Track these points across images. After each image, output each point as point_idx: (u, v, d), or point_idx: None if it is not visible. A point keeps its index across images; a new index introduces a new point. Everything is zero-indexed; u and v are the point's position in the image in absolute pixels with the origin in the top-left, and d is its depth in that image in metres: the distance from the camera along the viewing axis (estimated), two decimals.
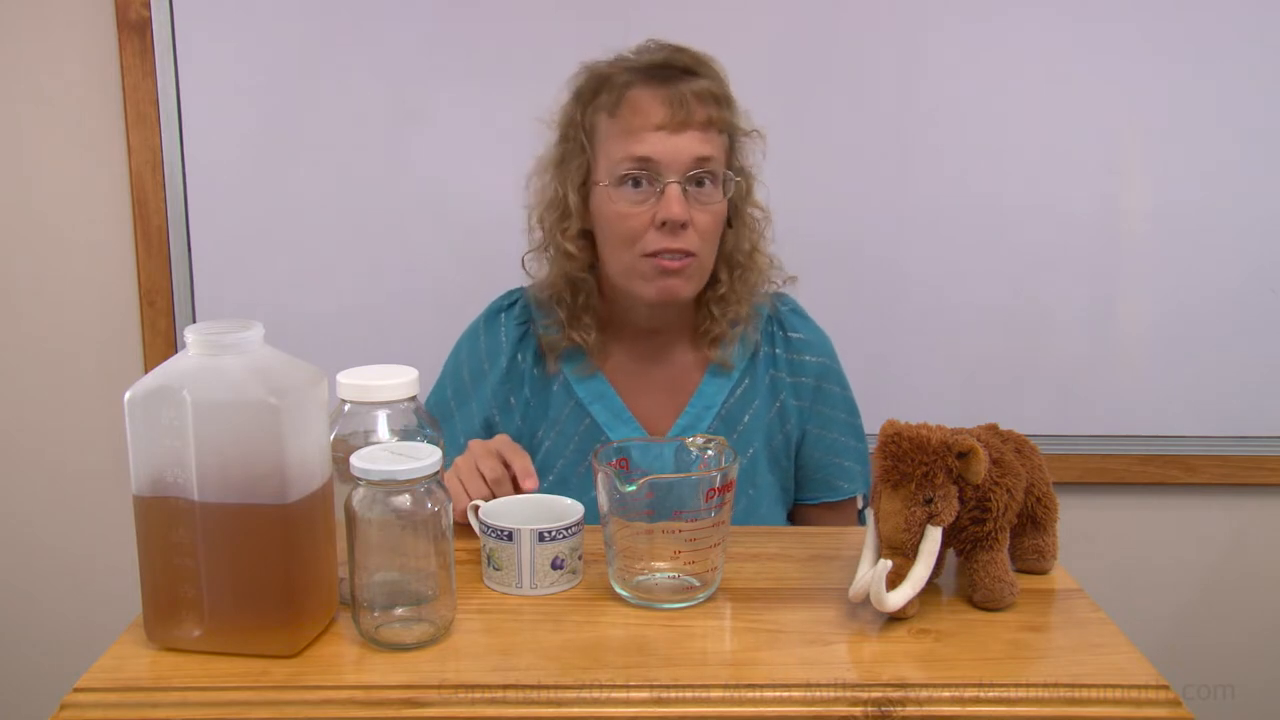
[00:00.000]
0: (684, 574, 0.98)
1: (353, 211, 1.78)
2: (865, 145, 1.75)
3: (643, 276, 1.24)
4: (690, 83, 1.22)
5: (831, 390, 1.38)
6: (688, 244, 1.21)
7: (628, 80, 1.23)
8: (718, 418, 1.32)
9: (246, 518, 0.86)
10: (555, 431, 1.32)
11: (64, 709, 0.83)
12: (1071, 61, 1.73)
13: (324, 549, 0.92)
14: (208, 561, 0.87)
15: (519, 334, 1.34)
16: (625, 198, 1.21)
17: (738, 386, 1.34)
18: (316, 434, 0.90)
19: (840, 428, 1.38)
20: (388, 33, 1.72)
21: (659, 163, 1.20)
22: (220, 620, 0.88)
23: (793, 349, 1.36)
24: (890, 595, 0.91)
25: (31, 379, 1.85)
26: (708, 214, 1.22)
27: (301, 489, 0.87)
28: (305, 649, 0.89)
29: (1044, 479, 1.03)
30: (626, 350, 1.33)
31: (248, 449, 0.85)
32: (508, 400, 1.33)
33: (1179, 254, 1.79)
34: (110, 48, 1.74)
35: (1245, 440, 1.85)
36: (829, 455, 1.38)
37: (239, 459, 0.85)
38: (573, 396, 1.31)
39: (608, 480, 0.96)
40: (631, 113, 1.21)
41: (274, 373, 0.87)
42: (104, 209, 1.79)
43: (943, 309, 1.80)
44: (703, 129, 1.21)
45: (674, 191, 1.19)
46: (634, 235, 1.22)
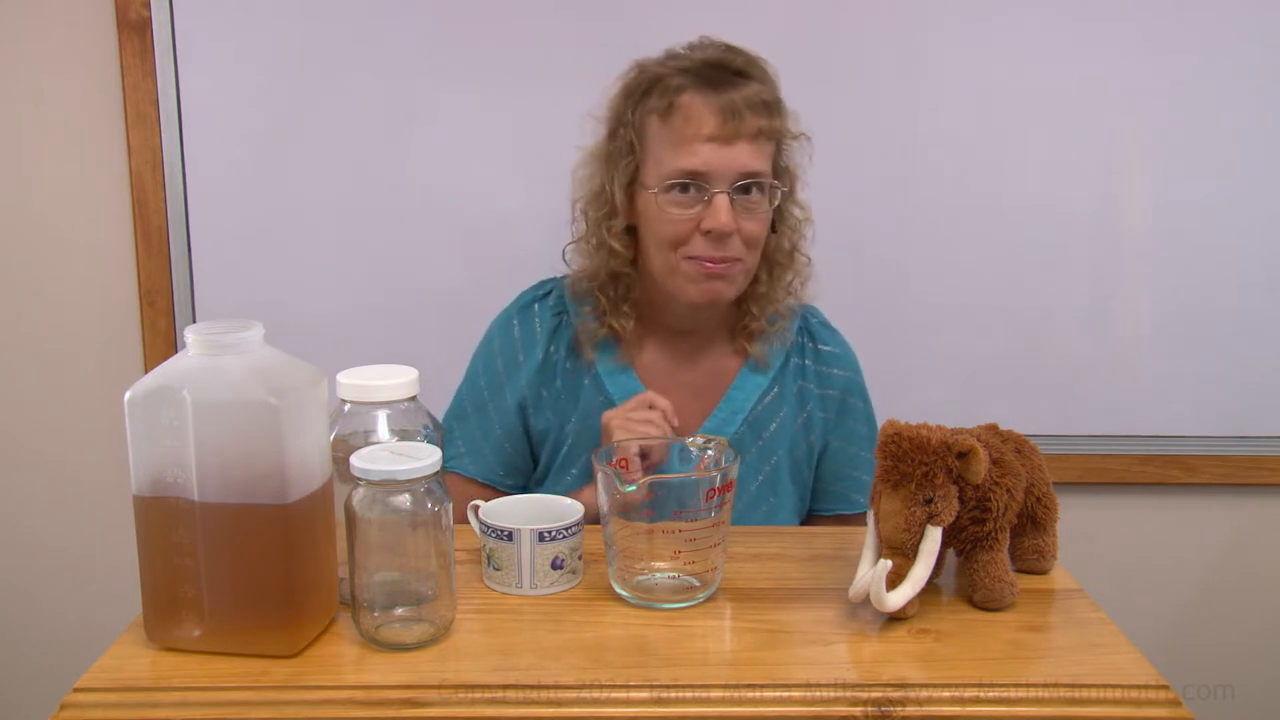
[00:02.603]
0: (684, 574, 0.98)
1: (353, 211, 1.78)
2: (865, 145, 1.75)
3: (686, 277, 1.24)
4: (742, 89, 1.21)
5: (856, 405, 1.39)
6: (733, 251, 1.22)
7: (680, 84, 1.22)
8: (745, 423, 1.33)
9: (246, 518, 0.86)
10: (583, 426, 1.31)
11: (64, 709, 0.83)
12: (1071, 61, 1.73)
13: (324, 549, 0.92)
14: (207, 561, 0.87)
15: (554, 325, 1.34)
16: (673, 203, 1.22)
17: (766, 394, 1.34)
18: (316, 434, 0.90)
19: (861, 443, 1.39)
20: (388, 33, 1.72)
21: (709, 174, 1.20)
22: (220, 620, 0.88)
23: (822, 361, 1.37)
24: (890, 595, 0.91)
25: (31, 379, 1.85)
26: (754, 221, 1.23)
27: (301, 489, 0.87)
28: (305, 649, 0.89)
29: (1044, 479, 1.03)
30: (660, 348, 1.34)
31: (248, 449, 0.85)
32: (540, 392, 1.33)
33: (1179, 254, 1.79)
34: (110, 48, 1.74)
35: (1245, 440, 1.85)
36: (848, 469, 1.38)
37: (239, 459, 0.85)
38: (603, 392, 1.31)
39: (608, 480, 0.96)
40: (684, 121, 1.21)
41: (274, 373, 0.87)
42: (104, 209, 1.79)
43: (943, 309, 1.80)
44: (753, 139, 1.21)
45: (722, 202, 1.19)
46: (679, 239, 1.23)
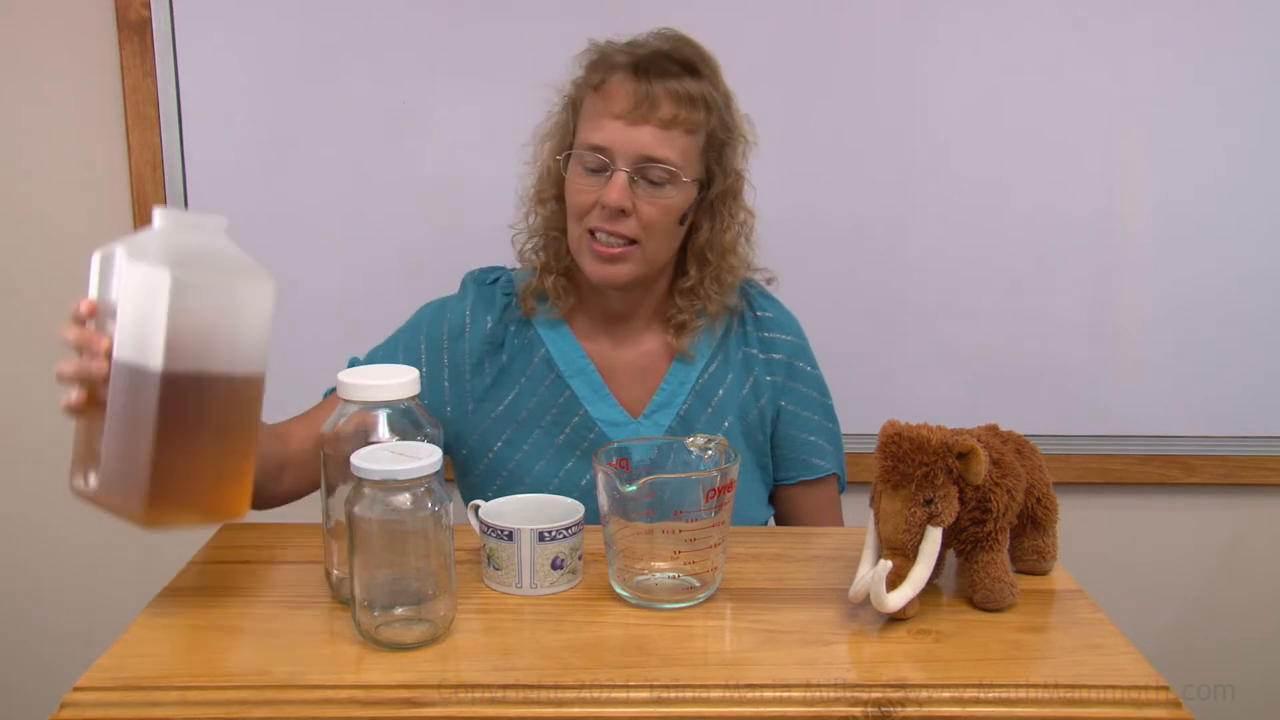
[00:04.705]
0: (684, 574, 0.98)
1: (352, 211, 1.78)
2: (864, 145, 1.75)
3: (588, 255, 1.28)
4: (670, 80, 1.25)
5: (803, 369, 1.40)
6: (626, 230, 1.26)
7: (616, 64, 1.27)
8: (692, 393, 1.35)
9: (131, 378, 0.89)
10: (534, 400, 1.34)
11: (64, 708, 0.83)
12: (1072, 61, 1.73)
13: (211, 438, 0.93)
14: (108, 419, 0.90)
15: (504, 304, 1.38)
16: (579, 174, 1.27)
17: (710, 364, 1.36)
18: (232, 323, 0.93)
19: (814, 406, 1.40)
20: (388, 32, 1.72)
21: (611, 150, 1.24)
22: (108, 478, 0.91)
23: (763, 327, 1.39)
24: (890, 596, 0.91)
25: (31, 379, 1.85)
26: (654, 207, 1.26)
27: (183, 364, 0.89)
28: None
29: (1044, 479, 1.03)
30: (601, 330, 1.37)
31: (148, 313, 0.88)
32: (482, 362, 1.35)
33: (1179, 254, 1.79)
34: (110, 48, 1.74)
35: (1245, 440, 1.85)
36: (803, 433, 1.40)
37: (138, 321, 0.89)
38: (553, 369, 1.34)
39: (608, 480, 0.96)
40: (604, 98, 1.26)
41: (211, 256, 0.93)
42: (104, 209, 1.79)
43: (943, 309, 1.80)
44: (664, 127, 1.24)
45: (619, 179, 1.24)
46: (582, 210, 1.27)
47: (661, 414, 1.34)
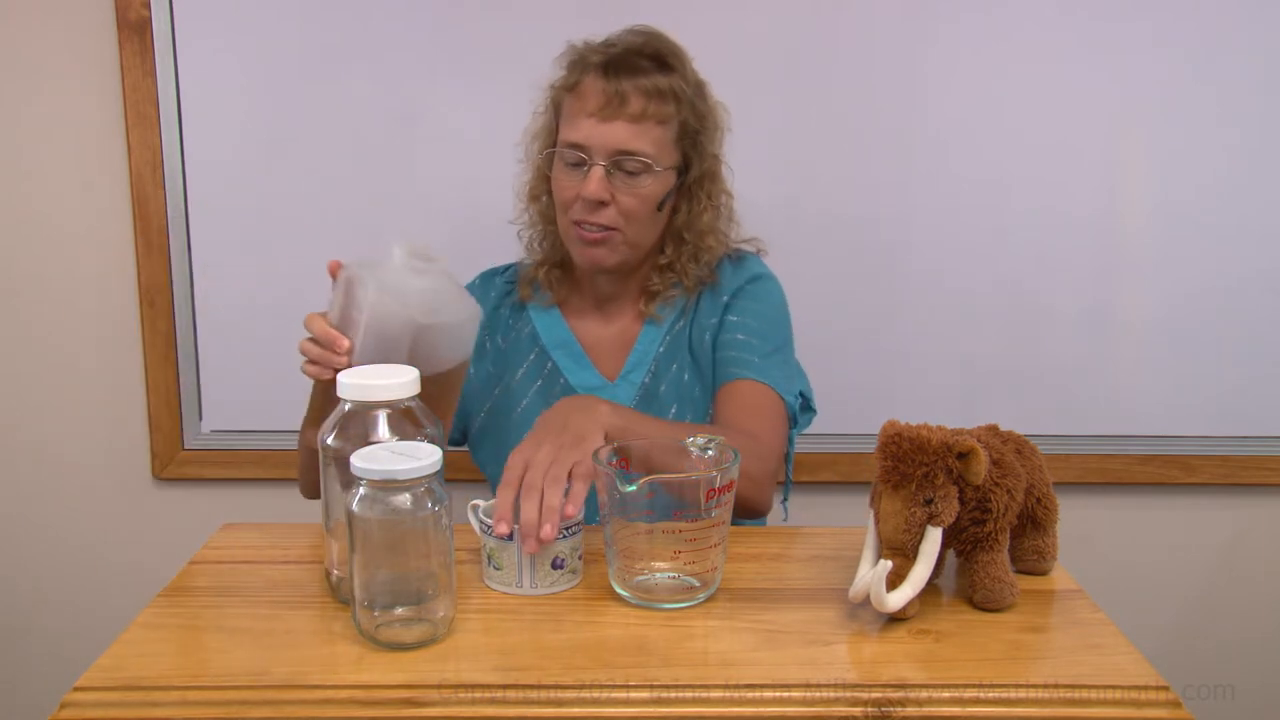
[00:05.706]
0: (684, 574, 0.98)
1: (353, 211, 1.78)
2: (864, 145, 1.75)
3: (575, 242, 1.37)
4: (639, 76, 1.31)
5: (755, 291, 1.42)
6: (606, 220, 1.33)
7: (589, 65, 1.34)
8: (659, 350, 1.42)
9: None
10: (521, 373, 1.44)
11: (64, 708, 0.83)
12: (1072, 62, 1.73)
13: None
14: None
15: (505, 290, 1.50)
16: (562, 171, 1.36)
17: (677, 321, 1.43)
18: (449, 347, 1.10)
19: (753, 316, 1.39)
20: (388, 32, 1.72)
21: (588, 147, 1.32)
22: None
23: (727, 276, 1.43)
24: (890, 596, 0.91)
25: (31, 379, 1.85)
26: (631, 197, 1.33)
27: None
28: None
29: (1044, 480, 1.03)
30: (591, 311, 1.46)
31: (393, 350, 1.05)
32: (483, 344, 1.46)
33: (1179, 254, 1.79)
34: (110, 48, 1.74)
35: (1245, 440, 1.85)
36: (731, 335, 1.39)
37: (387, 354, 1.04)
38: (538, 344, 1.45)
39: (608, 480, 0.96)
40: (578, 98, 1.33)
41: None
42: (104, 209, 1.79)
43: (943, 309, 1.80)
44: (636, 121, 1.31)
45: (596, 173, 1.31)
46: (566, 203, 1.36)
47: (635, 373, 1.42)
